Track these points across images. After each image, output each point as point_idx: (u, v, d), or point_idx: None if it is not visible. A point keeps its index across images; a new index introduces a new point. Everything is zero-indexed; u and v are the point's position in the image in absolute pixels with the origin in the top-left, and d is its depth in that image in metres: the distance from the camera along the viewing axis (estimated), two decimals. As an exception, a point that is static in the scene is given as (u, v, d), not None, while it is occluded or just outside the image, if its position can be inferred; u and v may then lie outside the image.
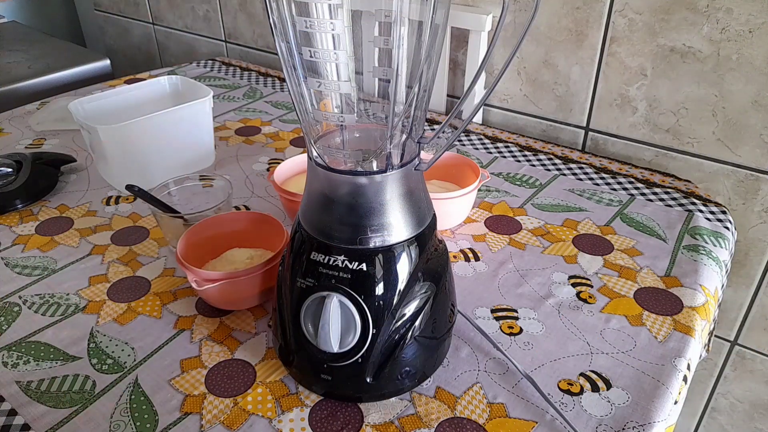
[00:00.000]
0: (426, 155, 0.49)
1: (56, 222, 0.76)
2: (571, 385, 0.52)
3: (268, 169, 0.88)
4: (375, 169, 0.45)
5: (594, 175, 0.86)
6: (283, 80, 1.22)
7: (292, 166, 0.76)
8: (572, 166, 0.88)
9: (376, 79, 0.47)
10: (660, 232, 0.73)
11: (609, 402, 0.50)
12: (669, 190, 0.82)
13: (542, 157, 0.91)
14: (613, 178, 0.85)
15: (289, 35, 0.41)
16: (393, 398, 0.51)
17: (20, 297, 0.63)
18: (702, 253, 0.69)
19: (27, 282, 0.65)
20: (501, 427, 0.48)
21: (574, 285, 0.64)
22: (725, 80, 0.79)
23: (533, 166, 0.88)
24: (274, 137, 0.98)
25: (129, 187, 0.66)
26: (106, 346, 0.56)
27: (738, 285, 0.89)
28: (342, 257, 0.46)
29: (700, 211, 0.77)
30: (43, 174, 0.81)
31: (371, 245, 0.46)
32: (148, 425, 0.48)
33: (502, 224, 0.74)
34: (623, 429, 0.48)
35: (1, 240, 0.72)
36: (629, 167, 0.88)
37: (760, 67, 0.76)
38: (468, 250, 0.70)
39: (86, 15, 1.83)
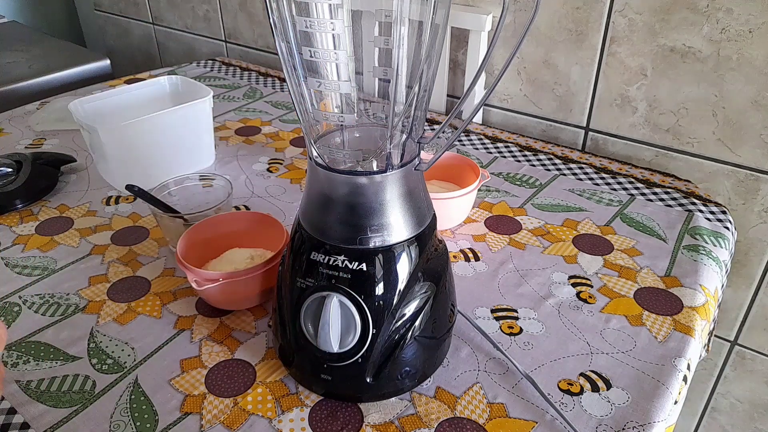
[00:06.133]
0: (426, 155, 0.49)
1: (56, 222, 0.75)
2: (571, 385, 0.52)
3: (268, 169, 0.88)
4: (375, 169, 0.45)
5: (594, 175, 0.86)
6: (283, 80, 1.22)
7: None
8: (572, 166, 0.88)
9: (376, 79, 0.47)
10: (660, 232, 0.73)
11: (609, 402, 0.50)
12: (669, 190, 0.82)
13: (542, 157, 0.91)
14: (613, 178, 0.85)
15: (289, 35, 0.41)
16: (393, 398, 0.51)
17: (20, 297, 0.63)
18: (702, 253, 0.69)
19: (27, 282, 0.65)
20: (501, 427, 0.48)
21: (574, 285, 0.64)
22: (725, 80, 0.79)
23: (533, 166, 0.88)
24: (274, 137, 0.98)
25: (129, 187, 0.66)
26: (106, 346, 0.56)
27: (738, 285, 0.89)
28: (342, 257, 0.46)
29: (700, 211, 0.77)
30: (43, 174, 0.81)
31: (371, 245, 0.46)
32: (148, 425, 0.48)
33: (502, 224, 0.74)
34: (623, 429, 0.48)
35: (1, 240, 0.72)
36: (629, 167, 0.88)
37: (760, 67, 0.76)
38: (468, 250, 0.70)
39: (86, 15, 1.83)
